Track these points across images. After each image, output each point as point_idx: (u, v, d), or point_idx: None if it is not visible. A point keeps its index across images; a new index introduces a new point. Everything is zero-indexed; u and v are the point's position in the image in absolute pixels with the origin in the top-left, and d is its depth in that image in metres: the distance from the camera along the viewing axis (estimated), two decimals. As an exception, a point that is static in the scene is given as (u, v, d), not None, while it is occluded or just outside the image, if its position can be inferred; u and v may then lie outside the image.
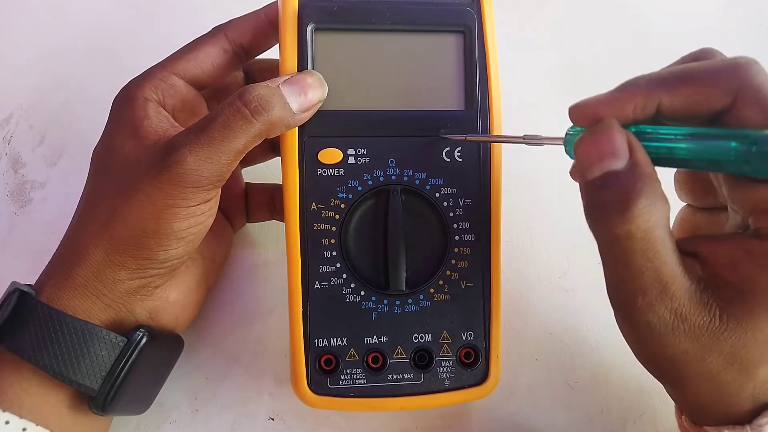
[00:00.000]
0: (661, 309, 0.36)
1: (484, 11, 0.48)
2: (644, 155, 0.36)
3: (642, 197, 0.34)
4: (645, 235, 0.35)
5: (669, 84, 0.37)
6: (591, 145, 0.36)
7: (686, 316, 0.36)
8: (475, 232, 0.48)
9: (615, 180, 0.35)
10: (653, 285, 0.35)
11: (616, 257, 0.36)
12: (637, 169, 0.35)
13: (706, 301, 0.36)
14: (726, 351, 0.36)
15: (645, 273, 0.35)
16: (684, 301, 0.36)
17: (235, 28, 0.49)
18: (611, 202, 0.35)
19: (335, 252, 0.47)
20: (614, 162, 0.35)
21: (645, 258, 0.35)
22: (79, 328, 0.42)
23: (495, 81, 0.48)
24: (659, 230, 0.35)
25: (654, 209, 0.34)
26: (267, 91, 0.43)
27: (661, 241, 0.35)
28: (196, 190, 0.42)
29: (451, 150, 0.47)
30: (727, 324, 0.35)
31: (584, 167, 0.37)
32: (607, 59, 0.69)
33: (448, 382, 0.47)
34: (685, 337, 0.36)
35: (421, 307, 0.47)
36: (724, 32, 0.72)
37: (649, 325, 0.37)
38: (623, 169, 0.35)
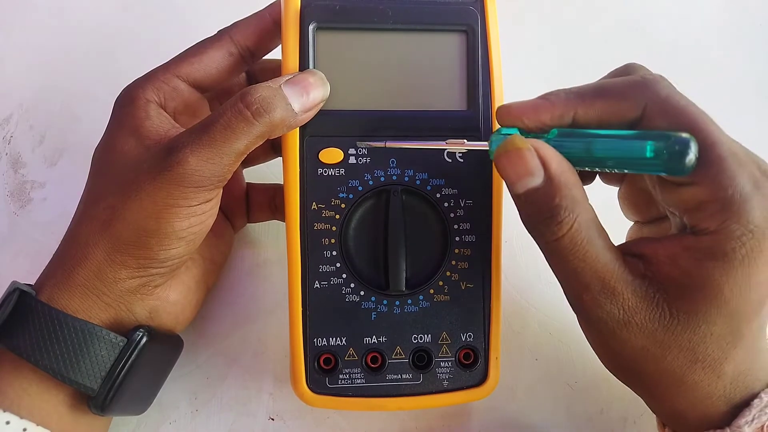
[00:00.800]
0: (606, 303, 0.38)
1: (488, 10, 0.48)
2: (559, 164, 0.39)
3: (561, 209, 0.38)
4: (572, 240, 0.38)
5: (584, 97, 0.40)
6: (507, 164, 0.40)
7: (634, 311, 0.38)
8: (475, 233, 0.48)
9: (535, 197, 0.39)
10: (592, 281, 0.38)
11: (556, 261, 0.40)
12: (553, 183, 0.38)
13: (652, 296, 0.38)
14: (684, 346, 0.38)
15: (582, 272, 0.38)
16: (627, 295, 0.38)
17: (240, 30, 0.49)
18: (537, 216, 0.39)
19: (335, 252, 0.47)
20: (531, 180, 0.38)
21: (578, 259, 0.38)
22: (79, 327, 0.42)
23: (498, 81, 0.48)
24: (584, 232, 0.38)
25: (574, 216, 0.38)
26: (269, 92, 0.43)
27: (589, 242, 0.38)
28: (198, 190, 0.42)
29: (452, 150, 0.47)
30: (678, 318, 0.37)
31: (508, 183, 0.40)
32: (607, 60, 0.69)
33: (446, 382, 0.47)
34: (639, 332, 0.38)
35: (421, 308, 0.47)
36: (723, 32, 0.72)
37: (600, 320, 0.39)
38: (540, 186, 0.38)
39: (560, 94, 0.41)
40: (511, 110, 0.42)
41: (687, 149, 0.35)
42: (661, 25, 0.71)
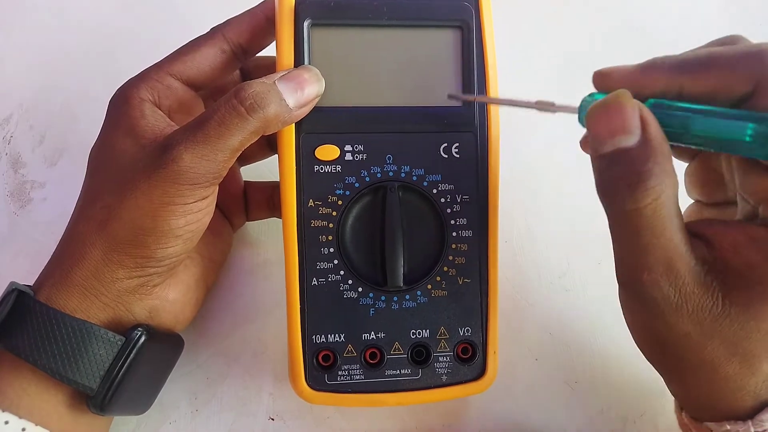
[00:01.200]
0: (665, 285, 0.36)
1: (482, 6, 0.48)
2: (657, 130, 0.35)
3: (652, 176, 0.34)
4: (653, 213, 0.35)
5: (691, 69, 0.37)
6: (603, 119, 0.36)
7: (690, 296, 0.36)
8: (472, 228, 0.48)
9: (625, 157, 0.35)
10: (659, 261, 0.36)
11: (625, 233, 0.37)
12: (648, 147, 0.35)
13: (709, 283, 0.36)
14: (728, 339, 0.36)
15: (652, 249, 0.36)
16: (688, 279, 0.36)
17: (233, 27, 0.49)
18: (621, 180, 0.35)
19: (332, 248, 0.47)
20: (625, 138, 0.35)
21: (653, 234, 0.35)
22: (77, 327, 0.42)
23: (493, 77, 0.48)
24: (668, 208, 0.35)
25: (663, 187, 0.35)
26: (263, 87, 0.43)
27: (669, 218, 0.35)
28: (193, 188, 0.42)
29: (448, 146, 0.47)
30: (729, 310, 0.35)
31: (596, 141, 0.37)
32: (607, 57, 0.69)
33: (445, 377, 0.47)
34: (687, 318, 0.36)
35: (419, 303, 0.47)
36: (723, 31, 0.71)
37: (654, 301, 0.37)
38: (634, 146, 0.35)
39: (664, 64, 0.38)
40: (610, 77, 0.40)
41: None
42: (661, 24, 0.71)
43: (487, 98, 0.46)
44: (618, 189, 0.36)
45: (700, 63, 0.37)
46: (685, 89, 0.37)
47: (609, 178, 0.36)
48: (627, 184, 0.35)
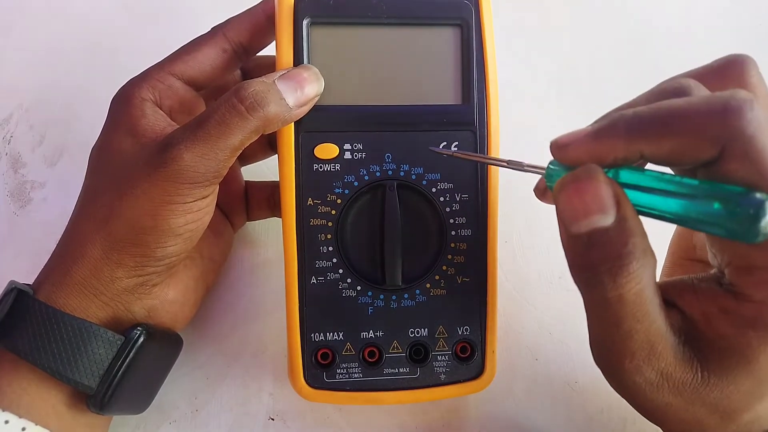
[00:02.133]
0: (648, 370, 0.35)
1: (482, 4, 0.48)
2: (631, 208, 0.34)
3: (634, 259, 0.33)
4: (636, 298, 0.33)
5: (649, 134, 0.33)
6: (575, 196, 0.34)
7: (671, 375, 0.35)
8: (471, 227, 0.48)
9: (604, 239, 0.33)
10: (642, 347, 0.34)
11: (606, 319, 0.35)
12: (626, 227, 0.33)
13: (689, 357, 0.35)
14: (708, 402, 0.35)
15: (635, 335, 0.34)
16: (670, 359, 0.34)
17: (233, 27, 0.49)
18: (601, 264, 0.33)
19: (331, 247, 0.47)
20: (601, 218, 0.33)
21: (635, 320, 0.34)
22: (77, 326, 0.42)
23: (492, 75, 0.48)
24: (649, 290, 0.34)
25: (644, 270, 0.33)
26: (262, 86, 0.43)
27: (650, 302, 0.34)
28: (193, 186, 0.42)
29: (448, 144, 0.47)
30: (709, 380, 0.34)
31: (568, 219, 0.35)
32: (607, 56, 0.69)
33: (444, 376, 0.47)
34: (668, 392, 0.35)
35: (417, 302, 0.47)
36: (724, 32, 0.72)
37: (635, 384, 0.36)
38: (611, 227, 0.33)
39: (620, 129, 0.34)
40: (567, 149, 0.36)
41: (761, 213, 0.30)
42: (661, 24, 0.71)
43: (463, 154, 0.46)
44: (598, 274, 0.34)
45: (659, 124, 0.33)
46: (646, 155, 0.33)
47: (587, 262, 0.34)
48: (608, 269, 0.33)
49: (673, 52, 0.69)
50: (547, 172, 0.38)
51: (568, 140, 0.36)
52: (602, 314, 0.35)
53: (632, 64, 0.68)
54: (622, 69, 0.68)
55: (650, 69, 0.66)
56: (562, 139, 0.36)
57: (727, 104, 0.31)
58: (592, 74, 0.68)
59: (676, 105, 0.33)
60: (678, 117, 0.33)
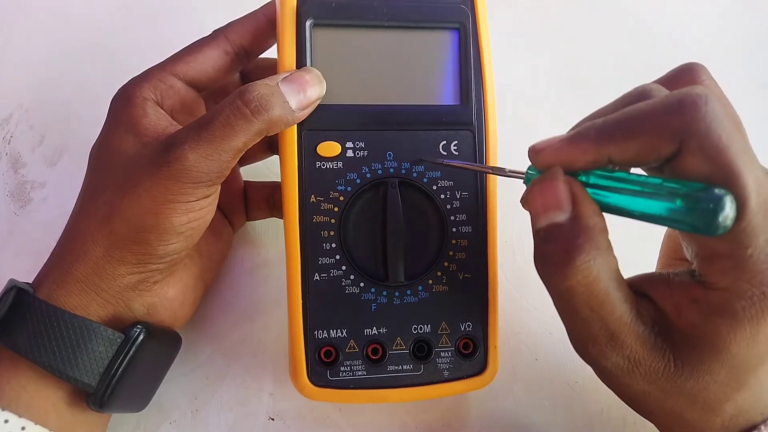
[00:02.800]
0: (612, 355, 0.36)
1: (478, 9, 0.49)
2: (589, 206, 0.36)
3: (582, 253, 0.35)
4: (586, 289, 0.35)
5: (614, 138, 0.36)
6: (538, 195, 0.38)
7: (640, 361, 0.36)
8: (472, 224, 0.48)
9: (557, 233, 0.36)
10: (601, 333, 0.36)
11: (564, 308, 0.38)
12: (579, 223, 0.36)
13: (660, 346, 0.36)
14: (686, 393, 0.36)
15: (591, 323, 0.36)
16: (636, 347, 0.36)
17: (235, 30, 0.49)
18: (553, 256, 0.36)
19: (334, 244, 0.47)
20: (557, 215, 0.36)
21: (589, 309, 0.36)
22: (77, 324, 0.42)
23: (489, 76, 0.49)
24: (602, 282, 0.35)
25: (595, 264, 0.35)
26: (267, 89, 0.43)
27: (605, 293, 0.36)
28: (196, 186, 0.43)
29: (447, 144, 0.48)
30: (682, 369, 0.36)
31: (533, 216, 0.38)
32: (606, 57, 0.70)
33: (447, 372, 0.47)
34: (642, 379, 0.37)
35: (420, 299, 0.48)
36: (723, 32, 0.72)
37: (605, 369, 0.37)
38: (565, 222, 0.36)
39: (589, 134, 0.36)
40: (543, 152, 0.38)
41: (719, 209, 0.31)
42: (661, 24, 0.72)
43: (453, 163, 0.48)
44: (551, 266, 0.37)
45: (622, 129, 0.35)
46: (613, 158, 0.36)
47: (542, 254, 0.38)
48: (558, 261, 0.36)
49: (673, 52, 0.70)
50: (526, 176, 0.41)
51: (543, 146, 0.38)
52: (560, 304, 0.38)
53: (632, 64, 0.68)
54: (622, 69, 0.68)
55: (650, 69, 0.66)
56: (538, 144, 0.39)
57: (682, 100, 0.34)
58: (592, 74, 0.69)
59: (637, 108, 0.36)
60: (639, 119, 0.35)
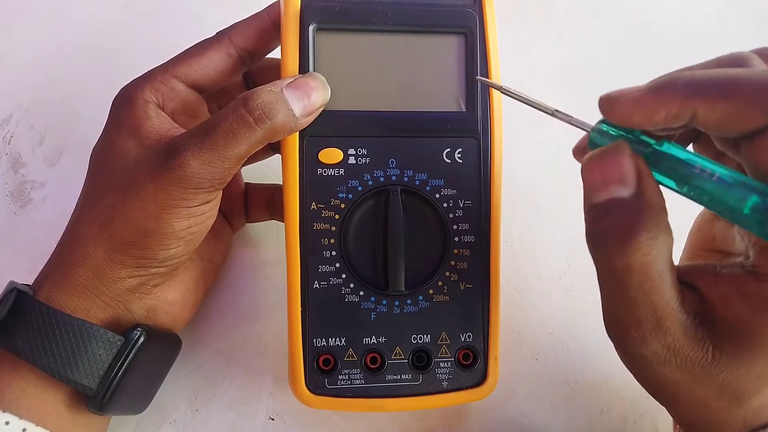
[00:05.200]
0: (653, 343, 0.35)
1: (486, 13, 0.48)
2: (652, 184, 0.35)
3: (644, 230, 0.33)
4: (643, 269, 0.34)
5: (707, 94, 0.33)
6: (598, 167, 0.36)
7: (679, 350, 0.35)
8: (474, 233, 0.48)
9: (618, 208, 0.35)
10: (647, 318, 0.35)
11: (613, 287, 0.36)
12: (643, 200, 0.34)
13: (700, 336, 0.35)
14: (717, 383, 0.36)
15: (640, 306, 0.35)
16: (678, 335, 0.35)
17: (239, 32, 0.49)
18: (612, 232, 0.34)
19: (335, 252, 0.47)
20: (620, 189, 0.35)
21: (641, 291, 0.34)
22: (77, 327, 0.42)
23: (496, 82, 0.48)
24: (659, 264, 0.34)
25: (655, 243, 0.34)
26: (271, 97, 0.43)
27: (659, 276, 0.34)
28: (198, 192, 0.43)
29: (451, 151, 0.48)
30: (720, 360, 0.35)
31: (590, 190, 0.36)
32: (607, 59, 0.69)
33: (446, 383, 0.47)
34: (676, 368, 0.36)
35: (420, 308, 0.47)
36: (723, 32, 0.72)
37: (641, 356, 0.36)
38: (628, 198, 0.34)
39: (678, 86, 0.34)
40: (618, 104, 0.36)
41: None
42: (661, 24, 0.71)
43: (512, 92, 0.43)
44: (608, 241, 0.35)
45: (720, 88, 0.33)
46: (699, 115, 0.34)
47: (600, 229, 0.36)
48: (617, 237, 0.34)
49: (673, 52, 0.69)
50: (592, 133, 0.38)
51: (617, 94, 0.36)
52: (610, 282, 0.36)
53: (632, 64, 0.68)
54: (622, 69, 0.68)
55: (650, 69, 0.66)
56: (613, 93, 0.36)
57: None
58: (592, 74, 0.68)
59: (735, 72, 0.34)
60: (736, 83, 0.33)
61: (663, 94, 0.34)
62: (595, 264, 0.37)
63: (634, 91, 0.36)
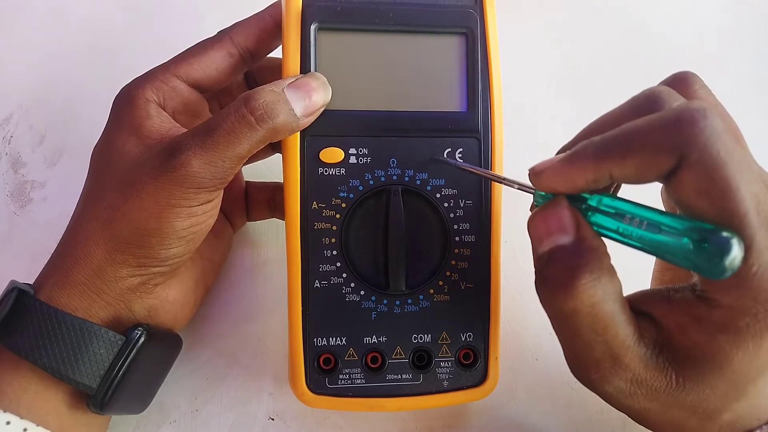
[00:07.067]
0: (616, 380, 0.36)
1: (487, 13, 0.48)
2: (590, 230, 0.37)
3: (587, 272, 0.35)
4: (591, 311, 0.35)
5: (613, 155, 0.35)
6: (541, 222, 0.38)
7: (642, 382, 0.36)
8: (475, 233, 0.48)
9: (560, 255, 0.36)
10: (605, 358, 0.36)
11: (566, 332, 0.37)
12: (583, 244, 0.36)
13: (662, 365, 0.36)
14: (686, 406, 0.37)
15: (595, 347, 0.36)
16: (639, 369, 0.36)
17: (241, 31, 0.49)
18: (556, 278, 0.36)
19: (335, 251, 0.47)
20: (560, 237, 0.37)
21: (594, 332, 0.36)
22: (78, 326, 0.42)
23: (497, 82, 0.48)
24: (608, 304, 0.35)
25: (599, 284, 0.35)
26: (272, 97, 0.43)
27: (610, 316, 0.35)
28: (199, 191, 0.43)
29: (452, 151, 0.48)
30: (684, 385, 0.36)
31: (535, 243, 0.39)
32: (607, 60, 0.69)
33: (446, 383, 0.47)
34: (644, 398, 0.37)
35: (421, 308, 0.47)
36: (723, 32, 0.72)
37: (607, 394, 0.37)
38: (569, 244, 0.36)
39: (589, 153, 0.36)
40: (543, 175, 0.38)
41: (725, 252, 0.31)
42: (661, 25, 0.71)
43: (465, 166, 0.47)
44: (554, 287, 0.36)
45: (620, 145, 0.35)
46: (614, 174, 0.35)
47: (545, 277, 0.37)
48: (561, 282, 0.35)
49: (673, 52, 0.70)
50: (535, 195, 0.41)
51: (542, 167, 0.38)
52: (562, 327, 0.38)
53: (632, 64, 0.68)
54: (621, 69, 0.68)
55: (650, 69, 0.66)
56: (538, 166, 0.39)
57: (680, 115, 0.33)
58: (592, 74, 0.68)
59: (635, 125, 0.35)
60: (637, 135, 0.34)
61: (577, 163, 0.37)
62: (546, 312, 0.38)
63: (554, 162, 0.38)
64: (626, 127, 0.35)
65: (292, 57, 0.46)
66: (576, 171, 0.37)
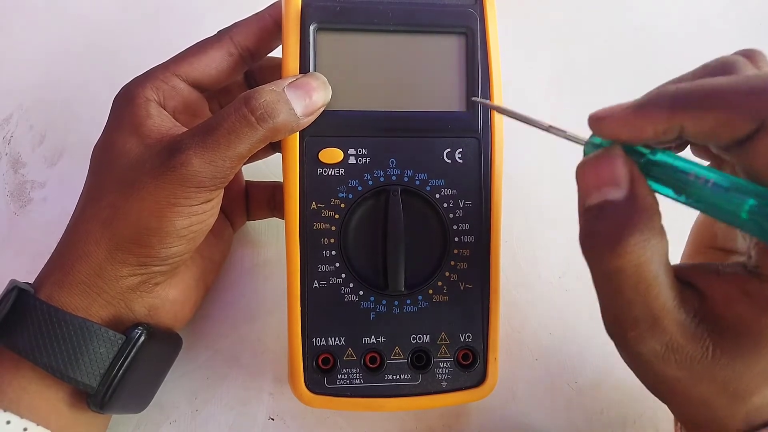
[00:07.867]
0: (651, 341, 0.35)
1: (487, 13, 0.48)
2: (645, 187, 0.35)
3: (636, 232, 0.33)
4: (636, 271, 0.34)
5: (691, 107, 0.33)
6: (591, 172, 0.36)
7: (678, 349, 0.35)
8: (474, 233, 0.48)
9: (611, 210, 0.35)
10: (643, 318, 0.35)
11: (608, 290, 0.36)
12: (635, 202, 0.34)
13: (700, 335, 0.35)
14: (718, 381, 0.36)
15: (635, 306, 0.35)
16: (676, 335, 0.35)
17: (240, 31, 0.49)
18: (604, 234, 0.34)
19: (334, 251, 0.47)
20: (612, 191, 0.35)
21: (636, 293, 0.34)
22: (78, 325, 0.42)
23: (497, 83, 0.48)
24: (653, 266, 0.34)
25: (648, 245, 0.33)
26: (273, 96, 0.43)
27: (653, 277, 0.34)
28: (200, 191, 0.43)
29: (452, 151, 0.48)
30: (720, 358, 0.35)
31: (583, 193, 0.36)
32: (608, 59, 0.69)
33: (445, 383, 0.47)
34: (675, 366, 0.36)
35: (420, 308, 0.47)
36: (724, 32, 0.72)
37: (640, 355, 0.36)
38: (621, 200, 0.34)
39: (662, 102, 0.34)
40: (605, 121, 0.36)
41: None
42: (661, 25, 0.71)
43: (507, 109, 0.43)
44: (600, 244, 0.35)
45: (702, 99, 0.33)
46: (686, 129, 0.34)
47: (592, 231, 0.35)
48: (609, 240, 0.34)
49: (673, 52, 0.69)
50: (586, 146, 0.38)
51: (605, 113, 0.36)
52: (605, 284, 0.36)
53: (632, 64, 0.68)
54: (622, 69, 0.68)
55: (650, 69, 0.66)
56: (600, 112, 0.36)
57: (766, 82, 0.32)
58: (593, 74, 0.68)
59: (717, 82, 0.34)
60: (720, 93, 0.33)
61: (649, 111, 0.35)
62: (588, 266, 0.36)
63: (620, 109, 0.36)
64: (707, 82, 0.34)
65: (292, 57, 0.46)
66: (646, 119, 0.35)
